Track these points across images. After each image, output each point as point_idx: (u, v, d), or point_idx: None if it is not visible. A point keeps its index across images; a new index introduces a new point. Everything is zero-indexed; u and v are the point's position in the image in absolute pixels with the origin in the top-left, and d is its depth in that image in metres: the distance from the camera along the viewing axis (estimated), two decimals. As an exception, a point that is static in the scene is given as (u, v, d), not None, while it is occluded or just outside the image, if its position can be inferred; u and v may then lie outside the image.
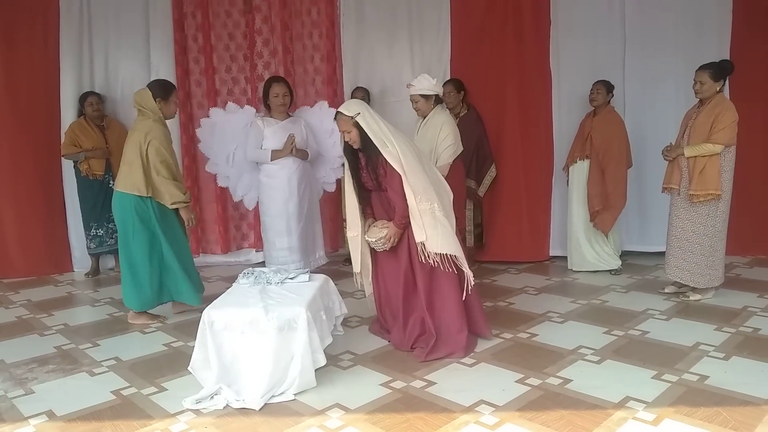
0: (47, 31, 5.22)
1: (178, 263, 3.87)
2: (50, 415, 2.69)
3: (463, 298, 3.25)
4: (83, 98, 5.16)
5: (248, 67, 5.41)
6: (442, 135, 4.21)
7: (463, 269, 3.20)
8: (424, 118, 4.41)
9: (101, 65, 5.37)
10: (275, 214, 4.44)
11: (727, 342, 3.36)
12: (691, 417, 2.52)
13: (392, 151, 3.13)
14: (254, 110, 4.65)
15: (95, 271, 5.35)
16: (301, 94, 5.44)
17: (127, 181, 3.75)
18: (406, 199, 3.12)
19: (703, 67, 3.96)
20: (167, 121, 3.93)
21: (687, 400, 2.68)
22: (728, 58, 4.44)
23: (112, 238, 5.25)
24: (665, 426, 2.46)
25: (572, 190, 5.02)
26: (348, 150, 3.33)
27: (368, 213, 3.44)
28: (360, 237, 3.38)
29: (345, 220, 3.73)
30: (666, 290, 4.35)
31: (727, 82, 4.10)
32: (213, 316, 2.88)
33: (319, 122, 4.66)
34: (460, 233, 4.80)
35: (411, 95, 4.41)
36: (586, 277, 4.90)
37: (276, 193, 4.41)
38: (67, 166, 5.28)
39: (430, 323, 3.25)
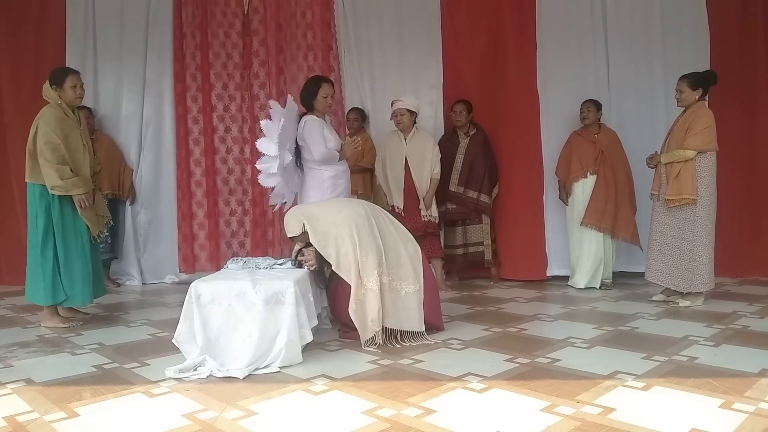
0: (55, 47, 5.41)
1: (67, 259, 3.65)
2: (28, 381, 2.64)
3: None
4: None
5: (244, 86, 5.58)
6: (436, 150, 4.94)
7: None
8: (404, 132, 4.94)
9: (101, 80, 5.52)
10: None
11: (717, 335, 3.35)
12: (681, 385, 2.49)
13: (332, 254, 3.18)
14: (296, 107, 4.10)
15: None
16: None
17: (27, 171, 3.64)
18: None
19: (682, 77, 4.15)
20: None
21: (677, 373, 2.66)
22: (709, 69, 4.61)
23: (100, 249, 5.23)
24: (655, 392, 2.43)
25: (582, 205, 4.91)
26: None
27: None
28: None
29: None
30: (654, 298, 4.35)
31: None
32: (200, 289, 2.87)
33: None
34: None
35: (397, 109, 4.88)
36: (577, 291, 4.89)
37: (344, 195, 4.09)
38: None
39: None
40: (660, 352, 2.97)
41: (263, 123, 3.93)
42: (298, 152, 4.02)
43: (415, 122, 5.00)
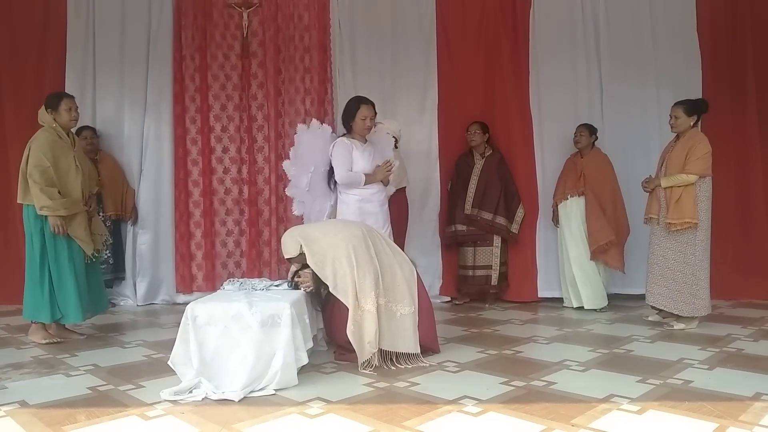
0: (55, 68, 5.44)
1: (60, 278, 3.79)
2: (22, 404, 2.62)
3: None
4: (78, 132, 5.29)
5: (242, 107, 5.63)
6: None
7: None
8: None
9: (100, 101, 5.54)
10: None
11: (711, 358, 3.37)
12: (676, 409, 2.50)
13: (330, 277, 3.18)
14: (330, 129, 4.25)
15: (77, 303, 5.22)
16: (292, 134, 5.62)
17: (21, 192, 3.80)
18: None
19: (677, 103, 4.22)
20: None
21: (671, 396, 2.67)
22: (702, 97, 4.70)
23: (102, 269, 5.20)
24: (650, 415, 2.44)
25: (565, 227, 5.04)
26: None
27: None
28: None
29: None
30: (650, 318, 4.38)
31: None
32: (197, 310, 2.87)
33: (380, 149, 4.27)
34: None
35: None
36: (572, 312, 4.92)
37: (372, 219, 3.98)
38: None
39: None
40: (655, 376, 2.98)
41: (292, 150, 4.10)
42: (332, 174, 4.07)
43: (396, 146, 4.98)
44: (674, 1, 5.47)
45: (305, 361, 2.93)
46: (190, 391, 2.70)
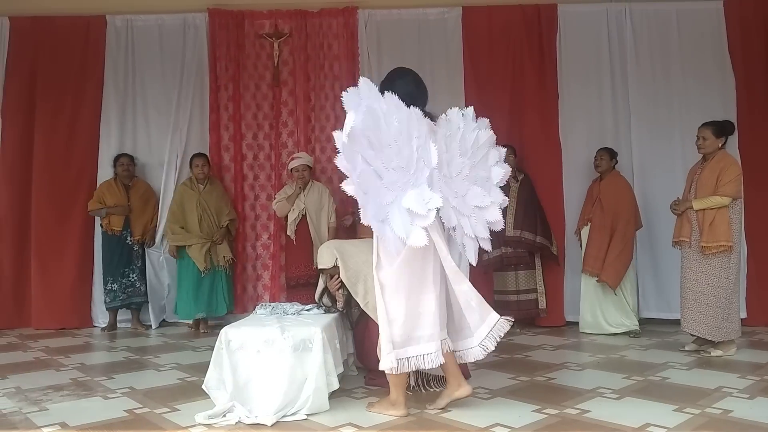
0: (93, 97, 5.68)
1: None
2: (63, 425, 2.69)
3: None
4: (116, 159, 5.49)
5: (273, 135, 5.76)
6: (332, 200, 5.20)
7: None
8: (305, 186, 5.15)
9: (137, 130, 5.74)
10: None
11: (751, 386, 3.27)
12: (715, 439, 2.44)
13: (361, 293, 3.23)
14: None
15: (112, 326, 5.39)
16: (324, 159, 5.73)
17: None
18: None
19: (705, 124, 4.18)
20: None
21: (710, 426, 2.61)
22: (731, 120, 4.64)
23: (125, 293, 5.35)
24: (688, 445, 2.39)
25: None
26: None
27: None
28: None
29: None
30: (687, 348, 4.27)
31: (728, 141, 4.28)
32: (230, 335, 2.93)
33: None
34: None
35: (300, 165, 5.13)
36: (604, 338, 4.83)
37: None
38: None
39: None
40: (692, 404, 2.91)
41: None
42: None
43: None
44: (703, 22, 5.46)
45: (336, 386, 2.95)
46: (224, 415, 2.74)
